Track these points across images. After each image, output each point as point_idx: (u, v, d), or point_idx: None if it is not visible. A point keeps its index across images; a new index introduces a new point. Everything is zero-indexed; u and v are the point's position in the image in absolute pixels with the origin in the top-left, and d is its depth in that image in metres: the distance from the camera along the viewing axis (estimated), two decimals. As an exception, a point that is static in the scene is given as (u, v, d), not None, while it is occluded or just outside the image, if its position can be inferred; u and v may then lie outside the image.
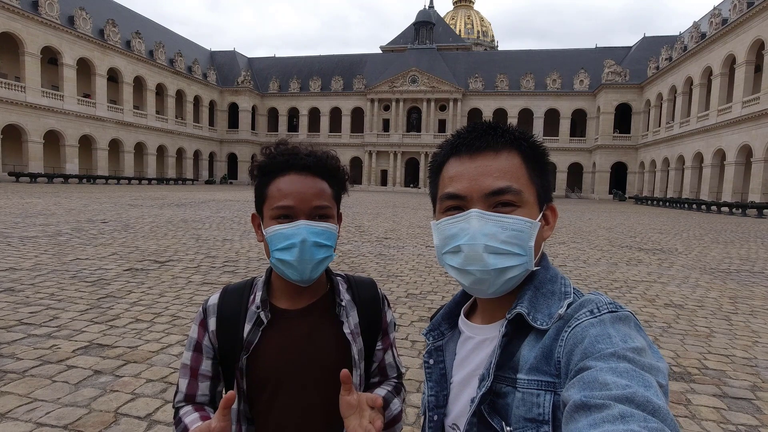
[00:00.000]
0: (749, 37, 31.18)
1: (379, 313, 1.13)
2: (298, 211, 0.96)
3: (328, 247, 0.99)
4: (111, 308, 5.02)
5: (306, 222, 0.96)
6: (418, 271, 7.86)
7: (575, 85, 54.32)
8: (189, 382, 1.03)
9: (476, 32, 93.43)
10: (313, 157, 1.01)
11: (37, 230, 10.40)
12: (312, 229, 0.96)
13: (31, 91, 34.88)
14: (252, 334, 1.00)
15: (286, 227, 0.96)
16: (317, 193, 0.99)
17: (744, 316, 5.74)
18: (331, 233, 1.00)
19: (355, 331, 1.07)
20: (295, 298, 1.05)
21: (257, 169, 1.03)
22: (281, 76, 62.98)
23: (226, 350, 1.03)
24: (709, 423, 3.03)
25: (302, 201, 0.96)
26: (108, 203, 19.08)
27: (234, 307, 1.04)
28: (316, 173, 1.00)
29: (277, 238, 0.96)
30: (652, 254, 10.74)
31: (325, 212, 0.99)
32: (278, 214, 0.97)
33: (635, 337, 0.60)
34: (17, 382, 3.20)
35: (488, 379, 0.69)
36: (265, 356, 1.00)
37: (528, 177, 0.74)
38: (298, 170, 0.99)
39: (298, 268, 0.96)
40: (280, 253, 0.96)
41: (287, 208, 0.96)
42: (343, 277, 1.15)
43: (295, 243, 0.94)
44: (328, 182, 1.02)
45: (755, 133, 29.91)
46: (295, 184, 0.97)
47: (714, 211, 30.36)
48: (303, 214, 0.97)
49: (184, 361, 1.05)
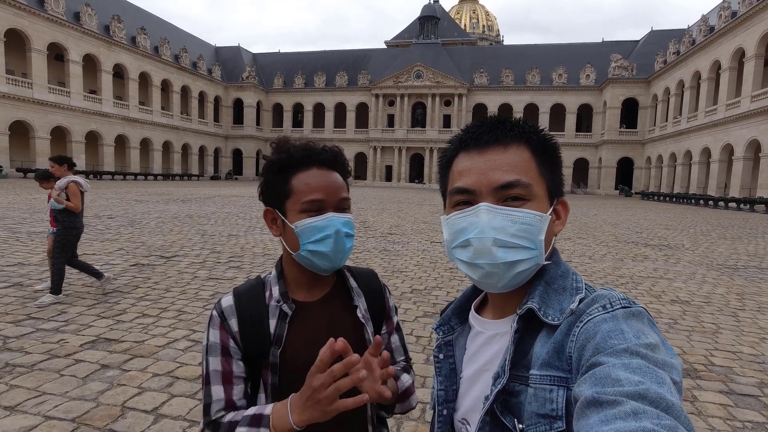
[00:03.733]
0: (759, 30, 30.75)
1: (383, 301, 1.16)
2: (327, 204, 0.99)
3: (352, 237, 1.04)
4: (118, 303, 5.06)
5: (335, 214, 1.00)
6: (422, 266, 7.85)
7: (581, 80, 53.88)
8: (225, 388, 0.97)
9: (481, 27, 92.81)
10: (330, 152, 1.04)
11: (45, 226, 10.48)
12: (341, 221, 1.00)
13: (37, 88, 35.07)
14: (280, 328, 1.01)
15: (319, 220, 0.98)
16: (341, 186, 1.03)
17: (751, 312, 5.70)
18: (353, 223, 1.05)
19: (366, 315, 1.10)
20: (311, 290, 1.07)
21: (276, 164, 1.02)
22: (286, 72, 62.92)
23: (251, 350, 1.01)
24: (715, 420, 3.01)
25: (330, 194, 1.00)
26: (114, 199, 19.20)
27: (253, 305, 1.04)
28: (334, 167, 1.03)
29: (311, 231, 0.98)
30: (658, 250, 10.67)
31: (348, 204, 1.04)
32: (308, 208, 0.99)
33: (648, 333, 0.59)
34: (26, 376, 3.24)
35: (503, 377, 0.68)
36: (294, 349, 1.01)
37: (538, 171, 0.73)
38: (319, 165, 1.01)
39: (333, 257, 1.00)
40: (313, 245, 0.98)
41: (318, 202, 0.99)
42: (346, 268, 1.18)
43: (330, 234, 0.98)
44: (342, 175, 1.06)
45: (764, 127, 29.55)
46: (321, 178, 1.00)
47: (721, 206, 30.08)
48: (332, 207, 1.00)
49: (213, 367, 0.98)
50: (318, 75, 61.02)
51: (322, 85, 60.77)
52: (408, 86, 57.73)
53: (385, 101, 59.33)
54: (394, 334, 1.18)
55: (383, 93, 58.61)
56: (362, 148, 60.10)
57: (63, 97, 37.27)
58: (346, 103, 60.37)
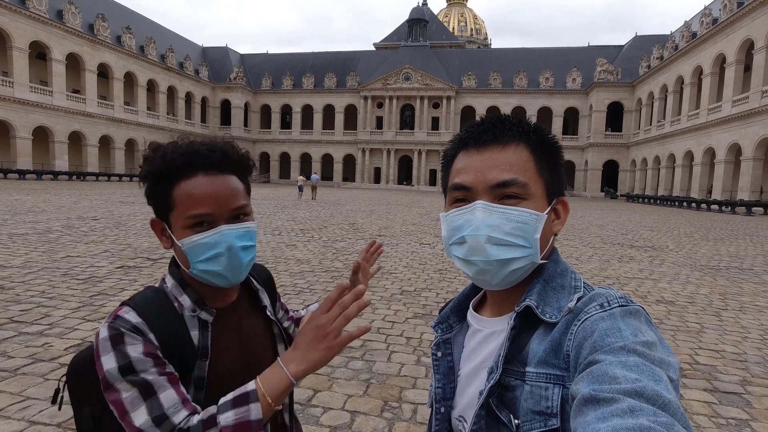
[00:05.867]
0: (739, 37, 31.51)
1: (273, 291, 1.17)
2: (216, 216, 0.87)
3: (252, 248, 0.93)
4: (104, 306, 4.97)
5: (228, 227, 0.88)
6: (412, 268, 7.87)
7: (568, 84, 54.61)
8: (175, 389, 0.83)
9: (469, 30, 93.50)
10: (218, 152, 0.90)
11: (27, 227, 10.27)
12: (235, 233, 0.88)
13: (19, 87, 34.36)
14: (203, 339, 0.92)
15: (208, 236, 0.86)
16: (233, 192, 0.90)
17: (734, 312, 5.82)
18: (253, 232, 0.93)
19: (270, 309, 1.09)
20: (220, 297, 0.99)
21: (153, 174, 0.89)
22: (274, 73, 62.61)
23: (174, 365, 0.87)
24: (700, 417, 3.07)
25: (219, 205, 0.87)
26: (99, 200, 18.88)
27: (167, 318, 0.89)
28: (224, 170, 0.90)
29: (199, 249, 0.87)
30: (643, 251, 10.84)
31: (244, 211, 0.92)
32: (193, 223, 0.87)
33: (646, 331, 0.59)
34: (9, 381, 3.17)
35: (497, 371, 0.69)
36: (221, 356, 0.94)
37: (536, 170, 0.74)
38: (205, 169, 0.88)
39: (228, 276, 0.90)
40: (204, 264, 0.88)
41: (204, 216, 0.86)
42: None
43: (222, 252, 0.87)
44: (238, 176, 0.93)
45: (744, 131, 30.27)
46: (206, 187, 0.87)
47: (704, 208, 30.70)
48: (222, 219, 0.88)
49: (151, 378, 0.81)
50: (306, 76, 60.83)
51: (311, 86, 60.59)
52: (397, 88, 57.86)
53: (374, 103, 59.37)
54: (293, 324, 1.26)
55: (372, 95, 58.64)
56: (351, 150, 60.02)
57: (45, 97, 36.57)
58: (334, 105, 60.26)
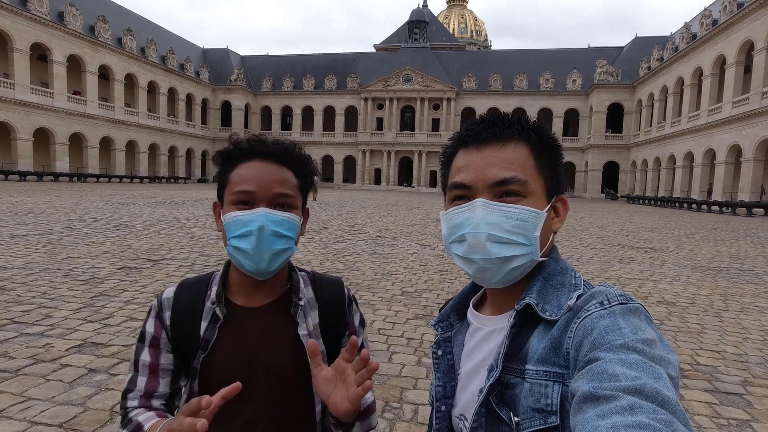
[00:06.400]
0: (739, 38, 31.53)
1: (342, 314, 1.06)
2: (258, 197, 0.91)
3: (288, 239, 0.93)
4: (104, 307, 4.98)
5: (266, 209, 0.91)
6: (412, 269, 7.87)
7: (568, 85, 54.62)
8: (148, 380, 0.94)
9: (470, 31, 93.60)
10: (279, 145, 0.97)
11: (28, 228, 10.28)
12: (271, 217, 0.90)
13: (20, 88, 34.41)
14: (209, 332, 0.94)
15: (244, 213, 0.90)
16: (280, 180, 0.94)
17: (734, 312, 5.81)
18: (292, 224, 0.94)
19: (314, 332, 1.01)
20: (251, 295, 0.99)
21: (221, 154, 0.98)
22: (274, 75, 62.68)
23: (180, 348, 0.96)
24: (701, 418, 3.07)
25: (263, 187, 0.91)
26: (99, 202, 18.89)
27: (190, 302, 0.98)
28: (281, 161, 0.95)
29: (235, 225, 0.91)
30: (644, 252, 10.84)
31: (288, 201, 0.94)
32: (238, 200, 0.92)
33: (645, 329, 0.59)
34: (10, 381, 3.17)
35: (497, 369, 0.69)
36: (220, 356, 0.94)
37: (536, 168, 0.74)
38: (262, 157, 0.94)
39: (254, 257, 0.90)
40: (236, 240, 0.91)
41: (247, 194, 0.91)
42: (309, 275, 1.08)
43: (252, 230, 0.89)
44: (294, 172, 0.97)
45: (745, 132, 30.27)
46: (257, 170, 0.93)
47: (704, 209, 30.67)
48: (263, 201, 0.91)
49: (142, 357, 0.95)
50: (307, 78, 60.90)
51: (311, 88, 60.65)
52: (397, 90, 57.91)
53: (374, 105, 59.41)
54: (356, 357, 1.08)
55: (372, 96, 58.69)
56: (351, 152, 60.03)
57: (46, 98, 36.61)
58: (335, 107, 60.32)
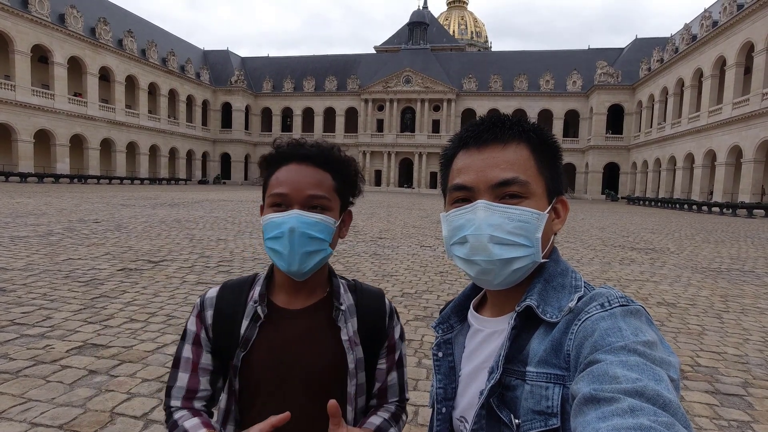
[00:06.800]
0: (739, 40, 31.56)
1: (381, 324, 1.06)
2: (291, 199, 0.93)
3: (320, 241, 0.94)
4: (105, 308, 4.98)
5: (298, 211, 0.93)
6: (413, 270, 7.87)
7: (568, 86, 54.66)
8: (190, 377, 0.97)
9: (470, 33, 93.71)
10: (317, 148, 0.99)
11: (28, 230, 10.29)
12: (303, 219, 0.92)
13: (21, 90, 34.47)
14: (249, 330, 0.97)
15: (278, 215, 0.93)
16: (314, 182, 0.95)
17: (735, 314, 5.81)
18: (326, 226, 0.95)
19: (353, 338, 1.01)
20: (292, 297, 1.02)
21: (264, 159, 1.02)
22: (275, 76, 62.75)
23: (221, 346, 0.99)
24: (702, 419, 3.06)
25: (297, 189, 0.94)
26: (100, 203, 18.91)
27: (233, 301, 1.01)
28: (318, 164, 0.97)
29: (270, 227, 0.94)
30: (644, 253, 10.83)
31: (322, 203, 0.95)
32: (273, 202, 0.95)
33: (646, 330, 0.59)
34: (11, 383, 3.17)
35: (497, 371, 0.69)
36: (260, 354, 0.96)
37: (537, 169, 0.74)
38: (299, 160, 0.97)
39: (287, 258, 0.93)
40: (271, 242, 0.94)
41: (281, 196, 0.94)
42: (350, 283, 1.10)
43: (284, 232, 0.91)
44: (331, 174, 0.99)
45: (745, 134, 30.28)
46: (291, 172, 0.96)
47: (705, 211, 30.67)
48: (297, 203, 0.93)
49: (184, 354, 0.99)
50: (307, 79, 60.97)
51: (312, 89, 60.73)
52: (397, 91, 57.97)
53: (375, 106, 59.47)
54: (393, 371, 1.06)
55: (372, 98, 58.75)
56: (351, 153, 58.22)
57: (47, 100, 36.68)
58: (335, 108, 60.38)
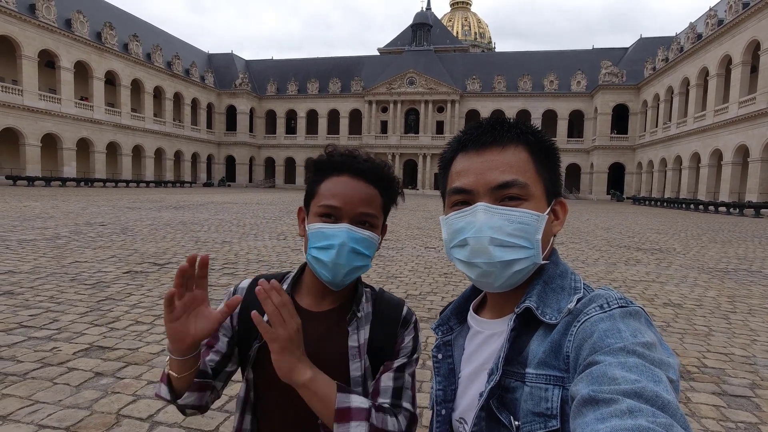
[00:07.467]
0: (745, 38, 31.33)
1: (393, 331, 1.05)
2: (343, 213, 0.95)
3: (365, 257, 0.97)
4: (111, 311, 5.01)
5: (348, 226, 0.94)
6: (417, 272, 7.86)
7: (572, 86, 54.47)
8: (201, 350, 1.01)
9: (473, 34, 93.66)
10: (370, 164, 1.01)
11: (36, 233, 10.38)
12: (353, 235, 0.94)
13: (28, 95, 34.80)
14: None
15: (328, 227, 0.95)
16: (366, 199, 0.97)
17: (742, 314, 5.76)
18: (371, 242, 0.98)
19: (362, 347, 1.01)
20: (318, 300, 1.04)
21: (314, 163, 1.03)
22: (279, 79, 62.98)
23: (242, 336, 1.04)
24: (708, 421, 3.04)
25: (349, 204, 0.95)
26: (106, 206, 19.04)
27: None
28: (370, 180, 0.99)
29: (317, 236, 0.96)
30: (650, 254, 10.77)
31: (370, 220, 0.98)
32: (323, 212, 0.96)
33: (645, 332, 0.59)
34: (18, 385, 3.20)
35: (497, 373, 0.69)
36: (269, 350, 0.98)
37: (535, 171, 0.75)
38: (352, 173, 0.98)
39: (332, 270, 0.95)
40: (317, 251, 0.95)
41: (333, 208, 0.95)
42: (374, 292, 1.10)
43: (334, 244, 0.93)
44: (380, 192, 1.00)
45: (752, 133, 30.04)
46: (346, 186, 0.97)
47: (711, 211, 30.45)
48: (347, 218, 0.95)
49: None
50: (311, 82, 61.15)
51: (315, 91, 60.88)
52: (401, 93, 58.00)
53: (379, 108, 59.54)
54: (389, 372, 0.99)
55: (376, 99, 58.82)
56: (356, 155, 60.09)
57: (54, 104, 37.02)
58: (339, 110, 60.51)
